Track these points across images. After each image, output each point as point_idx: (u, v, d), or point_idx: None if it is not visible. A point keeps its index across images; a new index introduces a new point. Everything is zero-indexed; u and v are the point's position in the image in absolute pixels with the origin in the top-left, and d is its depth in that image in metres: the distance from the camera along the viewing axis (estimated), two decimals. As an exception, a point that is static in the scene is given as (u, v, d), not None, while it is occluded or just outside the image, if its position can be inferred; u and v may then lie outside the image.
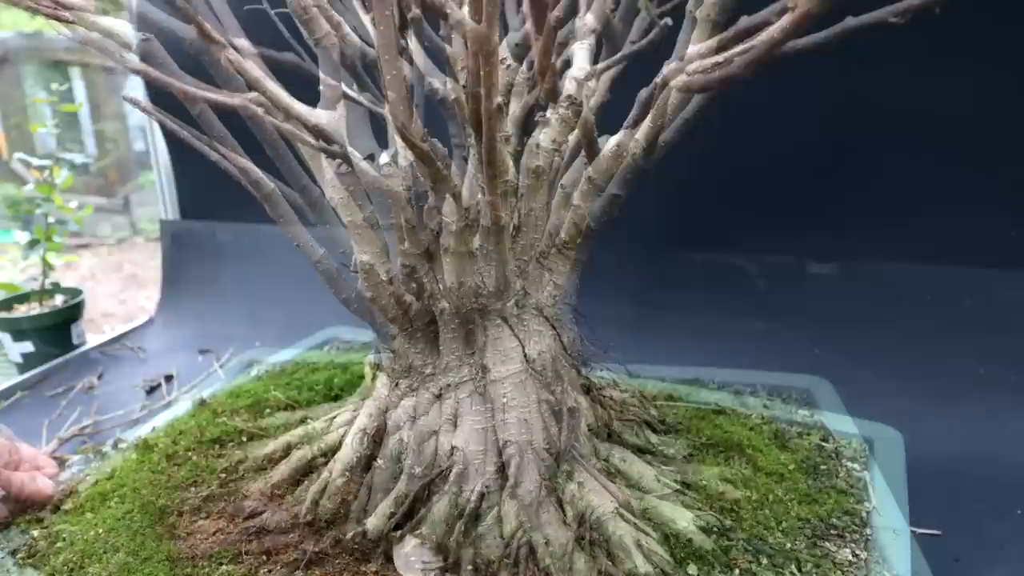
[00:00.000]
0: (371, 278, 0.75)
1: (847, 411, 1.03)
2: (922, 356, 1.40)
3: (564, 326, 0.83)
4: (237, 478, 0.88)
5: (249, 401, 1.07)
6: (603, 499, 0.77)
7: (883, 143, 1.44)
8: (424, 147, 0.61)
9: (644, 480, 0.82)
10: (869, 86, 1.40)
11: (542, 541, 0.72)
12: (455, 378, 0.77)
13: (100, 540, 0.79)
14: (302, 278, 1.90)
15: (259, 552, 0.75)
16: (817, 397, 1.09)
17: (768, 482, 0.87)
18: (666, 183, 1.57)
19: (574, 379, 0.83)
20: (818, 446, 0.97)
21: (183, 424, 1.04)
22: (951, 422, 1.25)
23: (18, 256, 1.84)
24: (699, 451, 0.93)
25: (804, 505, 0.84)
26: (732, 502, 0.82)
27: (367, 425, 0.80)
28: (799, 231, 1.56)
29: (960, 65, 1.32)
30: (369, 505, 0.80)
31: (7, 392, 1.49)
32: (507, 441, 0.76)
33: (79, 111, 3.63)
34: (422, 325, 0.80)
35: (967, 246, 1.43)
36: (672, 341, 1.55)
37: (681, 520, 0.77)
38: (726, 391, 1.12)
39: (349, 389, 1.11)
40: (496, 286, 0.78)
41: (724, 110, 1.44)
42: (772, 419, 1.03)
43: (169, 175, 2.07)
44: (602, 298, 1.65)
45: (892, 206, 1.47)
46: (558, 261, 0.82)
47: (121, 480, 0.90)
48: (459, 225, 0.69)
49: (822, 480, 0.90)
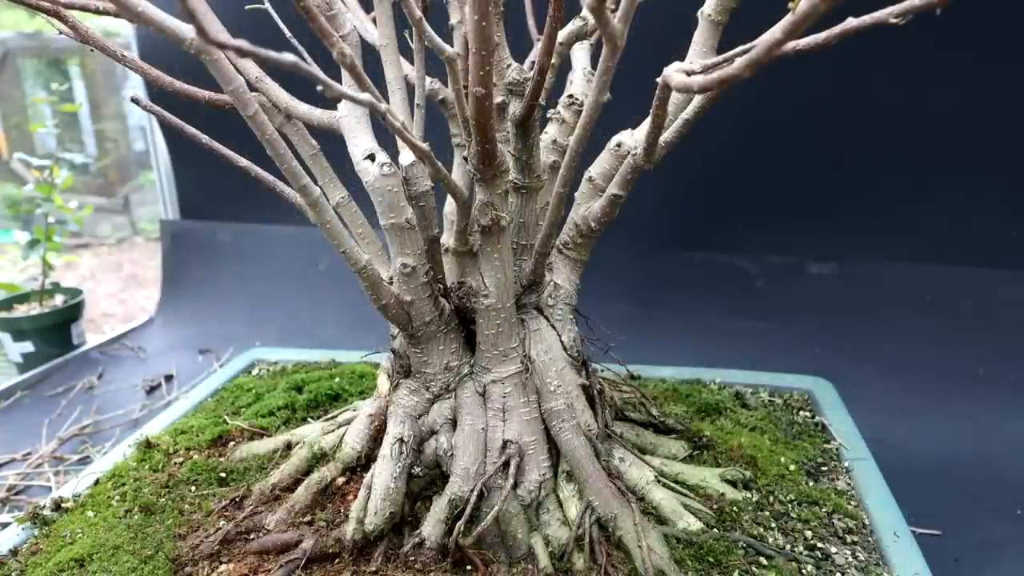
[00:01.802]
0: (412, 280, 0.74)
1: (848, 412, 1.03)
2: (922, 356, 1.40)
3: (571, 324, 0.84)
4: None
5: (208, 436, 0.98)
6: (643, 471, 0.81)
7: (883, 143, 1.44)
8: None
9: (640, 484, 0.82)
10: (869, 87, 1.40)
11: (611, 516, 0.74)
12: (501, 372, 0.78)
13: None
14: (302, 278, 1.92)
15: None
16: (819, 398, 1.07)
17: (768, 483, 0.86)
18: (668, 183, 1.58)
19: (575, 378, 0.83)
20: (821, 448, 0.96)
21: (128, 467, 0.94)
22: (951, 422, 1.25)
23: (18, 256, 1.84)
24: (699, 451, 0.92)
25: (805, 507, 0.83)
26: (732, 503, 0.81)
27: (403, 433, 0.79)
28: (799, 231, 1.57)
29: (960, 66, 1.32)
30: (416, 513, 0.79)
31: (7, 392, 1.49)
32: (560, 426, 0.78)
33: (79, 111, 3.62)
34: (455, 326, 0.80)
35: (967, 246, 1.43)
36: (672, 340, 1.55)
37: (680, 523, 0.78)
38: (727, 391, 1.10)
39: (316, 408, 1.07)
40: (532, 279, 0.79)
41: (726, 111, 1.45)
42: (774, 420, 1.01)
43: (169, 175, 2.07)
44: (604, 297, 1.66)
45: (892, 206, 1.47)
46: (558, 261, 0.82)
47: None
48: (508, 220, 0.70)
49: (823, 481, 0.89)
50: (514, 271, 0.80)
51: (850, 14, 0.35)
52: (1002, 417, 1.25)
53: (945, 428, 1.23)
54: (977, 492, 1.06)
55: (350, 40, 0.74)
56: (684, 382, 1.14)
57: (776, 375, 1.14)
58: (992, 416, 1.25)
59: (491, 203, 0.68)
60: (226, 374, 1.25)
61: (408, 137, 0.50)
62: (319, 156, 0.75)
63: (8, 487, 1.14)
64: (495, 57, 0.69)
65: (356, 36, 0.74)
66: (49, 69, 3.74)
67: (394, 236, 0.73)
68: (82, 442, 1.30)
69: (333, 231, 0.71)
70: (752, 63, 0.35)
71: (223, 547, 0.77)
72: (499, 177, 0.66)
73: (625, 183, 0.69)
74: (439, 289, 0.80)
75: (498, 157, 0.64)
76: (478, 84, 0.53)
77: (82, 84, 3.75)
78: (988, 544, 0.96)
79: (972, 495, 1.06)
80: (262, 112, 0.64)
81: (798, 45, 0.39)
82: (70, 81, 3.77)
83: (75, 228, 1.84)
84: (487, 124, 0.58)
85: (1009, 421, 1.24)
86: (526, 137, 0.69)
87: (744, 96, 1.43)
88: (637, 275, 1.69)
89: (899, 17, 0.32)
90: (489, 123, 0.58)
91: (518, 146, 0.71)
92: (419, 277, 0.74)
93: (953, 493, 1.06)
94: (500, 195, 0.68)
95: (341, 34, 0.73)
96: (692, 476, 0.85)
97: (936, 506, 1.00)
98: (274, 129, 0.65)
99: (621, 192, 0.71)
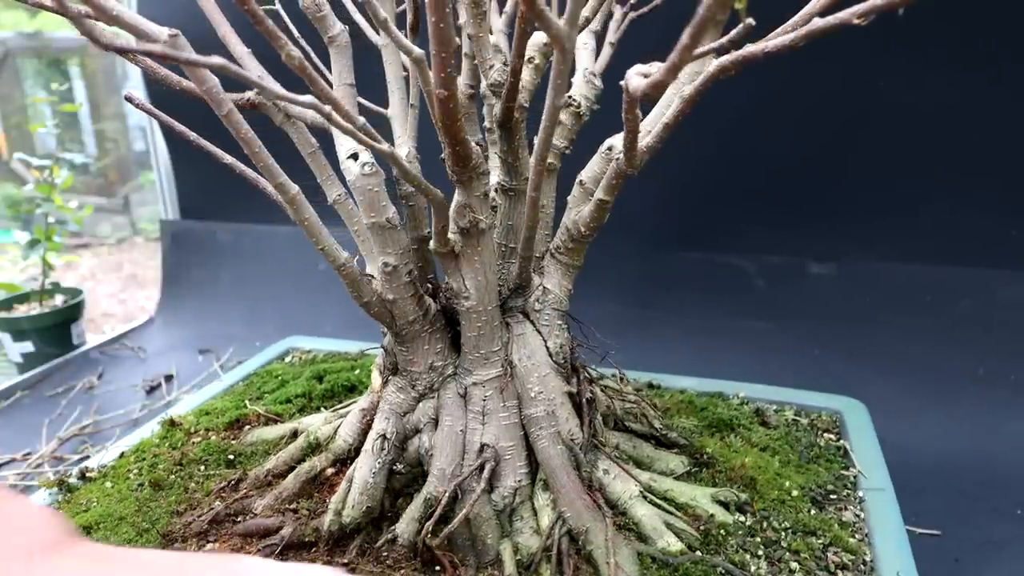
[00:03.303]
0: (394, 279, 0.74)
1: (879, 439, 0.95)
2: (922, 356, 1.40)
3: (558, 328, 0.83)
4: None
5: (227, 419, 1.01)
6: (628, 485, 0.78)
7: (883, 144, 1.44)
8: (467, 146, 0.60)
9: (623, 498, 0.78)
10: (869, 87, 1.40)
11: (582, 529, 0.73)
12: (482, 375, 0.77)
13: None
14: (302, 278, 1.92)
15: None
16: (848, 420, 1.00)
17: (765, 507, 0.80)
18: (667, 184, 1.58)
19: (560, 385, 0.82)
20: (837, 474, 0.89)
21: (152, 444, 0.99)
22: (950, 422, 1.25)
23: (18, 256, 1.84)
24: (699, 468, 0.86)
25: (799, 536, 0.76)
26: (720, 525, 0.76)
27: (386, 430, 0.80)
28: (799, 231, 1.57)
29: (960, 66, 1.33)
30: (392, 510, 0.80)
31: (7, 392, 1.49)
32: (538, 434, 0.77)
33: (79, 111, 3.63)
34: (441, 326, 0.80)
35: (967, 246, 1.43)
36: (672, 341, 1.56)
37: (660, 542, 0.74)
38: (748, 407, 1.03)
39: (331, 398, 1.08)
40: (518, 283, 0.78)
41: (726, 111, 1.45)
42: (791, 441, 0.94)
43: (169, 175, 2.07)
44: (601, 298, 1.66)
45: (891, 206, 1.47)
46: (551, 266, 0.82)
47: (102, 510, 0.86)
48: (488, 223, 0.69)
49: (828, 510, 0.82)
50: (501, 274, 0.80)
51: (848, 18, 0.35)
52: (1002, 417, 1.25)
53: (945, 428, 1.23)
54: (977, 492, 1.06)
55: (339, 41, 0.74)
56: (704, 394, 1.08)
57: (805, 393, 1.07)
58: (992, 416, 1.25)
59: (468, 205, 0.67)
60: (260, 360, 1.29)
61: (363, 138, 0.49)
62: (318, 154, 0.75)
63: (8, 487, 1.14)
64: (483, 57, 0.69)
65: (345, 37, 0.75)
66: (49, 69, 3.74)
67: (375, 235, 0.73)
68: (82, 442, 1.30)
69: (311, 228, 0.72)
70: (670, 69, 0.36)
71: (212, 527, 0.79)
72: (476, 179, 0.66)
73: (611, 188, 0.68)
74: (428, 289, 0.80)
75: (472, 159, 0.63)
76: (440, 86, 0.52)
77: (82, 84, 3.75)
78: (988, 544, 0.96)
79: (972, 495, 1.06)
80: (236, 111, 0.65)
81: (767, 47, 0.39)
82: (70, 81, 3.77)
83: (75, 228, 1.84)
84: (454, 126, 0.57)
85: (1009, 421, 1.24)
86: (511, 139, 0.69)
87: (744, 96, 1.43)
88: (636, 275, 1.69)
89: (862, 17, 0.32)
90: (456, 125, 0.57)
91: (503, 148, 0.70)
92: (401, 276, 0.74)
93: (953, 493, 1.06)
94: (478, 197, 0.67)
95: (330, 35, 0.74)
96: (682, 494, 0.80)
97: (936, 506, 1.00)
98: (248, 128, 0.66)
99: (607, 197, 0.69)
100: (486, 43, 0.74)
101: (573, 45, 0.43)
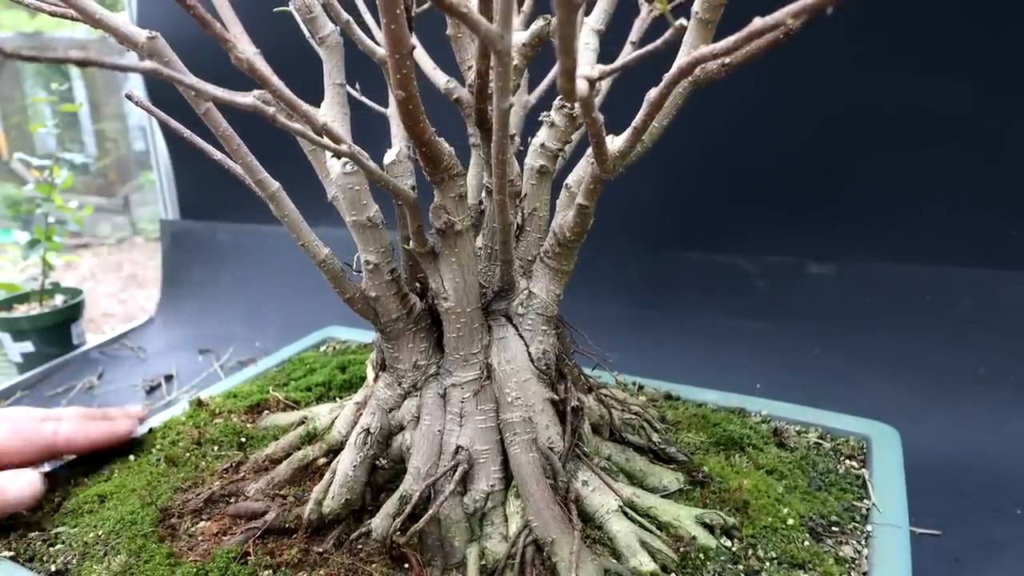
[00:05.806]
0: (376, 277, 0.75)
1: (904, 469, 0.88)
2: (922, 356, 1.40)
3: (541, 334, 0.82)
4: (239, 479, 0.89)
5: (250, 403, 1.06)
6: (607, 498, 0.76)
7: (883, 144, 1.44)
8: (434, 148, 0.60)
9: (600, 512, 0.76)
10: (869, 87, 1.40)
11: (548, 539, 0.72)
12: (460, 377, 0.78)
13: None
14: (302, 278, 1.91)
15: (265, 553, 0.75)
16: (875, 447, 0.93)
17: (754, 534, 0.75)
18: (667, 184, 1.58)
19: (542, 391, 0.80)
20: (848, 505, 0.81)
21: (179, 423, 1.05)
22: (951, 422, 1.25)
23: (18, 256, 1.84)
24: (694, 487, 0.82)
25: (785, 568, 0.70)
26: (701, 549, 0.72)
27: (370, 425, 0.81)
28: (799, 231, 1.56)
29: (960, 66, 1.32)
30: (372, 504, 0.80)
31: (7, 392, 1.49)
32: (512, 439, 0.76)
33: (79, 111, 3.63)
34: (426, 325, 0.80)
35: (967, 246, 1.43)
36: (671, 341, 1.55)
37: (632, 560, 0.71)
38: (767, 426, 0.97)
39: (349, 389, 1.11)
40: (501, 286, 0.78)
41: (726, 112, 1.45)
42: (805, 465, 0.88)
43: (169, 175, 2.07)
44: (601, 298, 1.66)
45: (892, 206, 1.47)
46: (540, 270, 0.80)
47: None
48: (464, 225, 0.69)
49: (826, 543, 0.75)
50: (485, 276, 0.79)
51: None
52: (1002, 417, 1.25)
53: (945, 428, 1.23)
54: (977, 492, 1.06)
55: (329, 41, 0.75)
56: (722, 409, 1.02)
57: (833, 415, 1.00)
58: (992, 416, 1.25)
59: (443, 206, 0.67)
60: (297, 348, 1.33)
61: (313, 137, 0.49)
62: (318, 152, 0.76)
63: None
64: (462, 57, 0.69)
65: (336, 37, 0.75)
66: (49, 69, 3.74)
67: (358, 233, 0.74)
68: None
69: (292, 224, 0.73)
70: (564, 73, 0.37)
71: (206, 505, 0.82)
72: (449, 180, 0.66)
73: (589, 193, 0.67)
74: (416, 288, 0.80)
75: (443, 160, 0.63)
76: (398, 87, 0.52)
77: (82, 84, 3.75)
78: (989, 544, 0.96)
79: (972, 495, 1.06)
80: (215, 110, 0.66)
81: (714, 53, 0.39)
82: (70, 81, 3.77)
83: (75, 228, 1.85)
84: (416, 127, 0.57)
85: (1009, 421, 1.24)
86: (490, 140, 0.69)
87: (743, 96, 1.43)
88: (635, 276, 1.69)
89: (795, 17, 0.32)
90: (419, 126, 0.57)
91: (486, 149, 0.70)
92: (383, 274, 0.75)
93: (953, 493, 1.06)
94: (453, 198, 0.67)
95: (320, 35, 0.75)
96: (666, 512, 0.76)
97: (936, 506, 1.00)
98: (227, 125, 0.68)
99: (587, 202, 0.68)
100: (465, 44, 0.74)
101: (508, 47, 0.41)
